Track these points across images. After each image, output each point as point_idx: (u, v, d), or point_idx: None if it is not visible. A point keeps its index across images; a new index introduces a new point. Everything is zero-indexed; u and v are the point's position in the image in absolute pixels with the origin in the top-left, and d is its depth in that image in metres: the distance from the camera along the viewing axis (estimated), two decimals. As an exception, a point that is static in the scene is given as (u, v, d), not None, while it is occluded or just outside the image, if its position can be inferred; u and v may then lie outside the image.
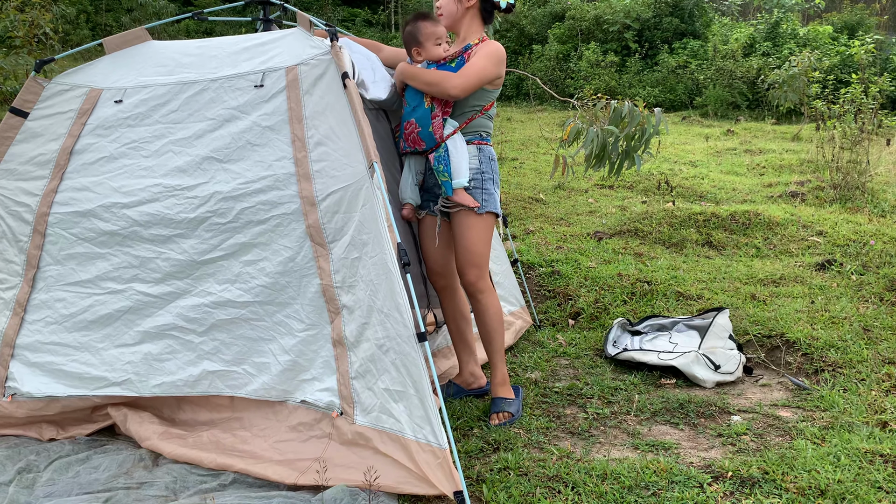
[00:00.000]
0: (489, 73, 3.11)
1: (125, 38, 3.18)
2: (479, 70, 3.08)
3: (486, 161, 3.23)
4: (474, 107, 3.19)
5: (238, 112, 2.92)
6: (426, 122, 3.12)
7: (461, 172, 3.13)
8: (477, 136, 3.23)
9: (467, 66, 3.09)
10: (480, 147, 3.23)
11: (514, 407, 3.23)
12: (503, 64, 3.17)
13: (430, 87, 3.10)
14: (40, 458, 2.84)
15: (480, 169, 3.20)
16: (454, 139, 3.14)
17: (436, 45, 3.17)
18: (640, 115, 4.66)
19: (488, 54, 3.13)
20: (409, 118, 3.16)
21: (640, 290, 4.76)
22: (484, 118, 3.24)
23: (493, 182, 3.24)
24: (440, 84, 3.06)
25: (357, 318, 2.68)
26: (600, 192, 7.86)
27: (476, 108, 3.20)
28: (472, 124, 3.21)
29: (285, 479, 2.60)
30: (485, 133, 3.27)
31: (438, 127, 3.12)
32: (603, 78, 16.22)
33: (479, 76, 3.09)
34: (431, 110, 3.12)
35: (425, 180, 3.30)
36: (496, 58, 3.14)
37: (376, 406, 2.61)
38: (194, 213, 2.89)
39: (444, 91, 3.06)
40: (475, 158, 3.20)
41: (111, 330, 2.95)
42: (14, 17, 8.30)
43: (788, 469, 2.68)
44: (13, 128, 3.11)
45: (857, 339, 3.90)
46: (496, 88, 3.23)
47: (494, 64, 3.13)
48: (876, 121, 8.76)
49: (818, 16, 20.84)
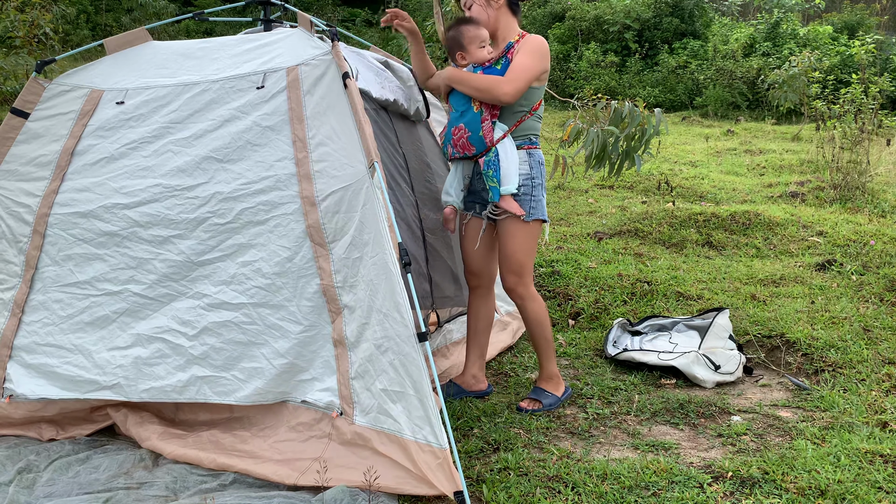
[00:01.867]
0: (535, 69, 3.09)
1: (126, 39, 3.18)
2: (527, 69, 3.06)
3: (536, 166, 3.22)
4: (523, 107, 3.17)
5: (238, 112, 2.92)
6: (476, 127, 3.10)
7: (510, 179, 3.11)
8: (527, 140, 3.22)
9: (514, 68, 3.06)
10: (530, 152, 3.22)
11: (549, 400, 3.30)
12: (547, 57, 3.16)
13: (479, 92, 3.08)
14: (40, 458, 2.84)
15: (530, 174, 3.19)
16: (504, 143, 3.13)
17: (480, 47, 3.15)
18: (640, 116, 4.67)
19: (532, 50, 3.11)
20: (458, 123, 3.15)
21: (640, 290, 4.77)
22: (533, 119, 3.22)
23: (541, 187, 3.23)
24: (491, 90, 3.04)
25: (357, 317, 2.68)
26: (600, 192, 7.86)
27: (524, 109, 3.18)
28: (522, 127, 3.19)
29: (285, 480, 2.60)
30: (534, 137, 3.25)
31: (489, 131, 3.10)
32: (603, 78, 16.23)
33: (528, 76, 3.06)
34: (481, 114, 3.10)
35: (472, 183, 3.29)
36: (540, 52, 3.12)
37: (374, 407, 2.62)
38: (194, 213, 2.88)
39: (494, 97, 3.05)
40: (525, 164, 3.19)
41: (105, 332, 2.95)
42: (14, 18, 8.31)
43: (788, 469, 2.69)
44: (14, 128, 3.11)
45: (857, 339, 3.90)
46: (542, 84, 3.20)
47: (539, 59, 3.11)
48: (876, 121, 8.76)
49: (818, 16, 20.83)
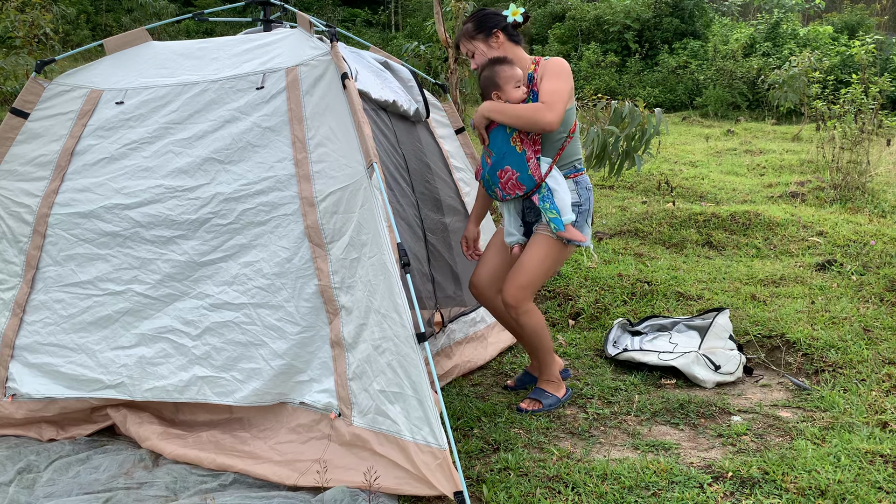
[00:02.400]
0: (565, 90, 3.05)
1: (126, 39, 3.18)
2: (559, 92, 3.01)
3: (583, 193, 3.21)
4: (561, 133, 3.14)
5: (238, 113, 2.92)
6: (523, 167, 3.06)
7: (566, 210, 3.10)
8: (571, 168, 3.21)
9: (549, 94, 3.00)
10: (577, 179, 3.20)
11: (549, 401, 3.31)
12: (571, 75, 3.12)
13: (522, 120, 3.02)
14: (40, 459, 2.84)
15: (579, 202, 3.18)
16: (553, 176, 3.12)
17: (515, 87, 3.10)
18: (640, 116, 4.67)
19: (556, 73, 3.07)
20: (502, 167, 3.09)
21: (640, 290, 4.77)
22: (574, 143, 3.20)
23: (588, 213, 3.23)
24: (534, 118, 2.99)
25: (355, 318, 2.68)
26: (600, 192, 7.86)
27: (563, 136, 3.15)
28: (565, 154, 3.17)
29: (285, 480, 2.60)
30: (578, 163, 3.24)
31: (535, 168, 3.07)
32: (603, 78, 16.23)
33: (562, 98, 3.02)
34: (524, 154, 3.07)
35: (524, 217, 3.25)
36: (564, 72, 3.08)
37: (372, 408, 2.61)
38: (196, 214, 2.89)
39: (539, 126, 2.99)
40: (574, 193, 3.18)
41: (108, 332, 2.95)
42: (14, 18, 8.32)
43: (788, 469, 2.68)
44: (14, 128, 3.11)
45: (857, 339, 3.90)
46: (572, 104, 3.16)
47: (566, 79, 3.07)
48: (876, 121, 8.76)
49: (818, 16, 20.84)
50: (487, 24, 3.17)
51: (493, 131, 3.13)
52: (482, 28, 3.17)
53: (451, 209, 3.85)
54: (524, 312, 3.19)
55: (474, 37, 3.19)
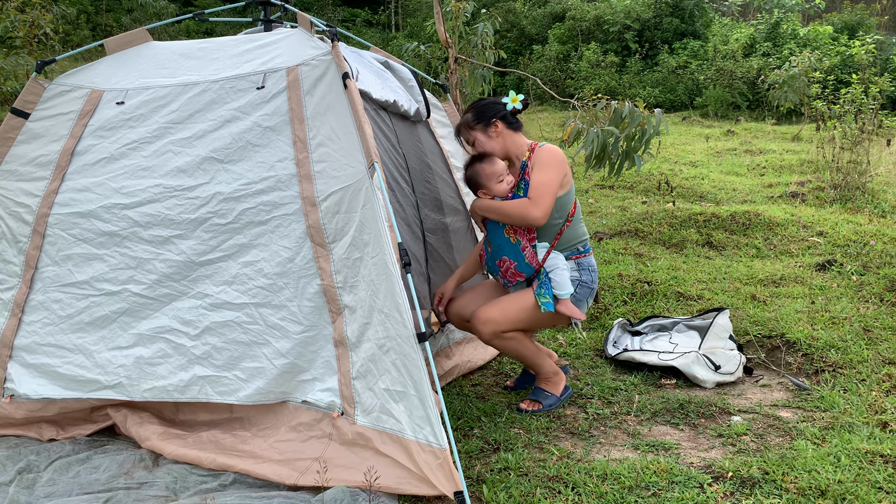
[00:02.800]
0: (555, 181, 3.09)
1: (126, 39, 3.18)
2: (547, 184, 3.07)
3: (586, 274, 3.24)
4: (557, 220, 3.17)
5: (239, 113, 2.92)
6: (519, 256, 3.16)
7: (565, 285, 3.14)
8: (573, 250, 3.23)
9: (535, 187, 3.07)
10: (579, 262, 3.23)
11: (549, 401, 3.31)
12: (564, 162, 3.15)
13: (510, 219, 3.13)
14: (40, 459, 2.84)
15: (580, 279, 3.22)
16: (551, 259, 3.17)
17: (498, 182, 3.19)
18: (640, 116, 4.67)
19: (547, 164, 3.11)
20: (500, 257, 3.20)
21: (640, 290, 4.77)
22: (573, 227, 3.22)
23: (591, 293, 3.26)
24: (521, 215, 3.08)
25: (358, 317, 2.68)
26: (600, 192, 7.86)
27: (559, 221, 3.18)
28: (563, 239, 3.21)
29: (285, 480, 2.60)
30: (581, 245, 3.25)
31: (532, 256, 3.16)
32: (603, 78, 16.23)
33: (551, 191, 3.07)
34: (519, 244, 3.16)
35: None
36: (554, 162, 3.12)
37: (377, 406, 2.62)
38: (195, 213, 2.89)
39: (526, 221, 3.09)
40: (575, 272, 3.21)
41: (106, 332, 2.95)
42: (14, 18, 8.32)
43: (789, 469, 2.68)
44: (14, 129, 3.11)
45: (857, 339, 3.90)
46: (567, 189, 3.19)
47: (556, 169, 3.11)
48: (876, 121, 8.76)
49: (818, 16, 20.84)
50: (486, 115, 3.24)
51: (490, 222, 3.26)
52: (481, 118, 3.24)
53: (451, 209, 3.85)
54: (492, 339, 3.20)
55: (473, 127, 3.27)
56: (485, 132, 3.24)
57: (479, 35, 9.17)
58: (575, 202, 3.24)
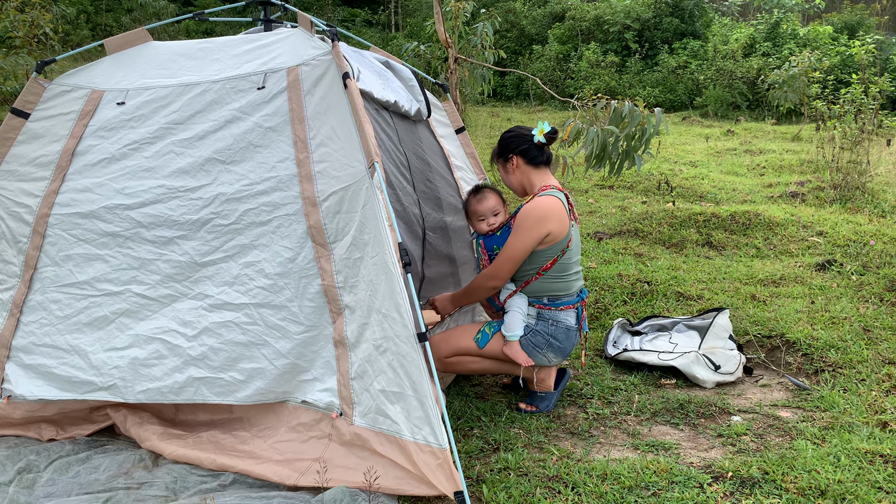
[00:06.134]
0: (522, 247, 3.06)
1: (126, 39, 3.18)
2: (512, 252, 3.08)
3: (544, 323, 3.17)
4: (528, 270, 3.17)
5: (240, 113, 2.92)
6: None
7: (512, 328, 3.16)
8: (539, 300, 3.20)
9: (501, 254, 3.11)
10: (541, 312, 3.19)
11: (544, 402, 3.32)
12: (540, 223, 3.05)
13: (477, 297, 3.26)
14: (40, 459, 2.84)
15: (534, 328, 3.17)
16: (513, 299, 3.20)
17: (479, 221, 3.33)
18: (640, 116, 4.67)
19: (517, 227, 3.09)
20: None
21: (640, 290, 4.77)
22: (544, 281, 3.16)
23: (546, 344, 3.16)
24: (484, 290, 3.18)
25: (358, 318, 2.68)
26: (600, 192, 7.86)
27: (529, 272, 3.16)
28: (530, 289, 3.19)
29: (285, 480, 2.60)
30: (549, 298, 3.18)
31: (495, 295, 3.25)
32: (603, 78, 16.23)
33: (514, 257, 3.07)
34: None
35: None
36: (525, 226, 3.06)
37: (373, 407, 2.62)
38: (198, 214, 2.88)
39: (487, 293, 3.19)
40: (532, 319, 3.20)
41: (103, 333, 2.94)
42: (14, 18, 8.32)
43: (788, 469, 2.69)
44: (14, 129, 3.10)
45: (857, 339, 3.90)
46: (549, 246, 3.11)
47: (527, 234, 3.05)
48: (876, 121, 8.76)
49: (818, 16, 20.84)
50: (507, 148, 3.29)
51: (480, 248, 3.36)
52: (501, 152, 3.32)
53: (451, 207, 3.85)
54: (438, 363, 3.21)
55: (496, 159, 3.38)
56: (504, 167, 3.31)
57: (478, 35, 9.17)
58: (555, 259, 3.13)
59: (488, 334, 3.21)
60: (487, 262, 3.28)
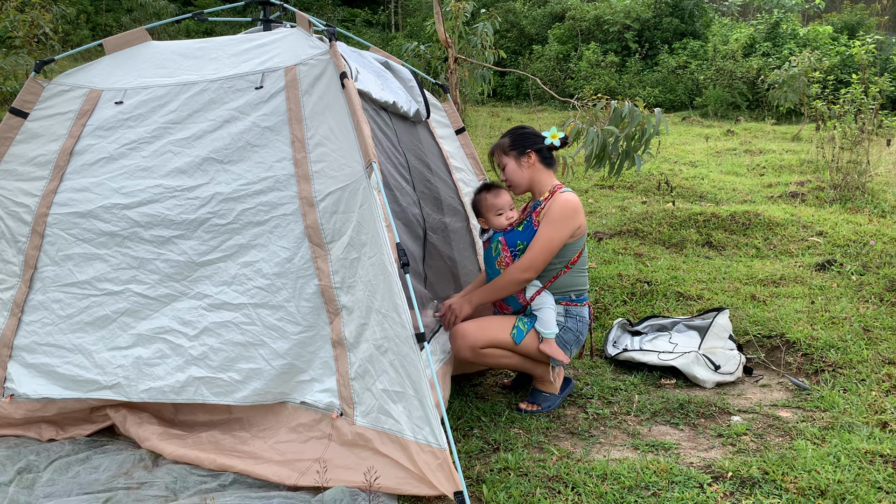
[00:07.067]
0: (557, 239, 3.10)
1: (125, 39, 3.18)
2: (546, 243, 3.09)
3: (573, 323, 3.22)
4: (556, 265, 3.17)
5: (237, 113, 2.91)
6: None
7: (549, 325, 3.15)
8: (566, 297, 3.22)
9: (532, 246, 3.10)
10: (567, 309, 3.22)
11: (547, 403, 3.31)
12: (575, 216, 3.14)
13: (506, 292, 3.17)
14: (40, 459, 2.84)
15: (565, 324, 3.21)
16: (540, 298, 3.18)
17: (497, 216, 3.25)
18: (640, 116, 4.67)
19: (552, 219, 3.11)
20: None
21: (640, 290, 4.76)
22: (572, 275, 3.21)
23: (575, 340, 3.23)
24: (514, 283, 3.13)
25: (356, 318, 2.68)
26: (600, 192, 7.86)
27: (558, 266, 3.18)
28: (557, 284, 3.20)
29: (285, 480, 2.60)
30: (575, 294, 3.24)
31: (520, 292, 3.20)
32: (603, 78, 16.23)
33: (548, 249, 3.09)
34: None
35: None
36: (562, 217, 3.12)
37: (375, 407, 2.61)
38: (195, 214, 2.88)
39: (517, 286, 3.13)
40: (561, 317, 3.21)
41: (106, 332, 2.95)
42: (14, 17, 8.32)
43: (788, 469, 2.68)
44: (13, 128, 3.10)
45: (857, 339, 3.90)
46: (576, 239, 3.19)
47: (561, 226, 3.11)
48: (876, 121, 8.75)
49: (818, 16, 20.85)
50: (524, 143, 3.26)
51: (486, 251, 3.31)
52: (516, 146, 3.27)
53: (450, 209, 3.84)
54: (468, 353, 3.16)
55: (507, 152, 3.30)
56: (517, 160, 3.27)
57: (478, 35, 9.17)
58: (581, 251, 3.22)
59: (523, 331, 3.16)
60: (510, 258, 3.21)
